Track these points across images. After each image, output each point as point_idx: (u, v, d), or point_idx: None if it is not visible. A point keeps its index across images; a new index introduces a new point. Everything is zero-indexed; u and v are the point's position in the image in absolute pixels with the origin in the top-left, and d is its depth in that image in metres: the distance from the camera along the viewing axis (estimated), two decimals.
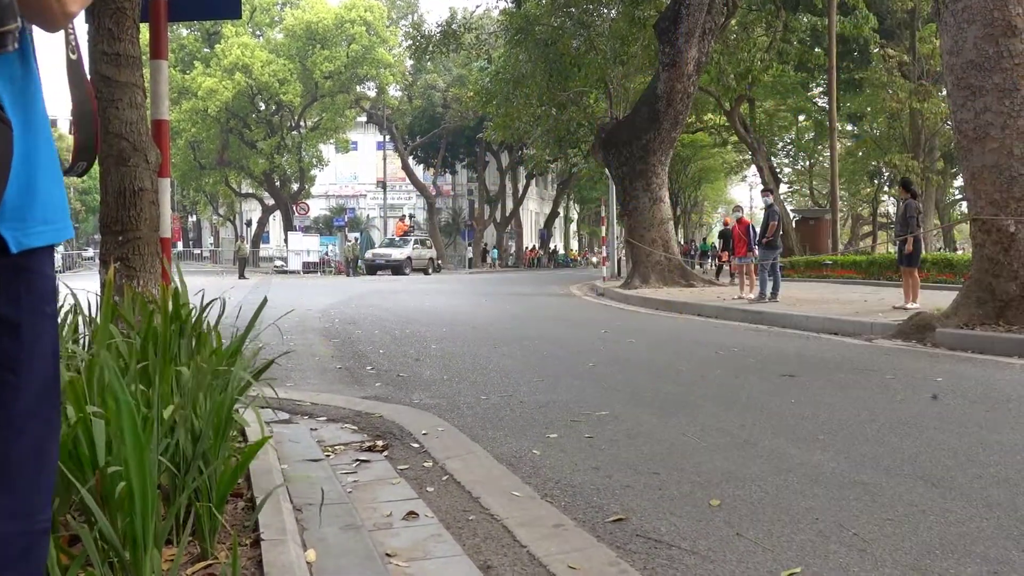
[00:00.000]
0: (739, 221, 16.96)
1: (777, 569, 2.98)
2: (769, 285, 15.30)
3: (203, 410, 3.08)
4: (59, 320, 2.66)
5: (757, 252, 15.99)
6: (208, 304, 4.49)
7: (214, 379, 3.31)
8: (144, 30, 5.39)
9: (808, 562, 3.04)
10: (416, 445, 4.93)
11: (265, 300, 4.31)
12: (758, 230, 16.09)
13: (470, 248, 52.81)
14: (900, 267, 13.47)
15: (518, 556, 3.14)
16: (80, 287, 4.23)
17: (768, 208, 15.96)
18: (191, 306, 4.25)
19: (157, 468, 2.50)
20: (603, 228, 30.57)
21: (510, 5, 27.77)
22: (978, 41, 9.58)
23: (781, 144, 49.48)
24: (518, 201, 55.98)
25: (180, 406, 2.98)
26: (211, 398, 3.14)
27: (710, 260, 37.23)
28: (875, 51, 33.43)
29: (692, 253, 37.18)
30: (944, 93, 27.08)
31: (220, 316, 4.55)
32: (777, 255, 15.58)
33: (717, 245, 31.03)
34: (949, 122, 26.97)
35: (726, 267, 25.34)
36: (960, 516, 3.52)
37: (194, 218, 76.39)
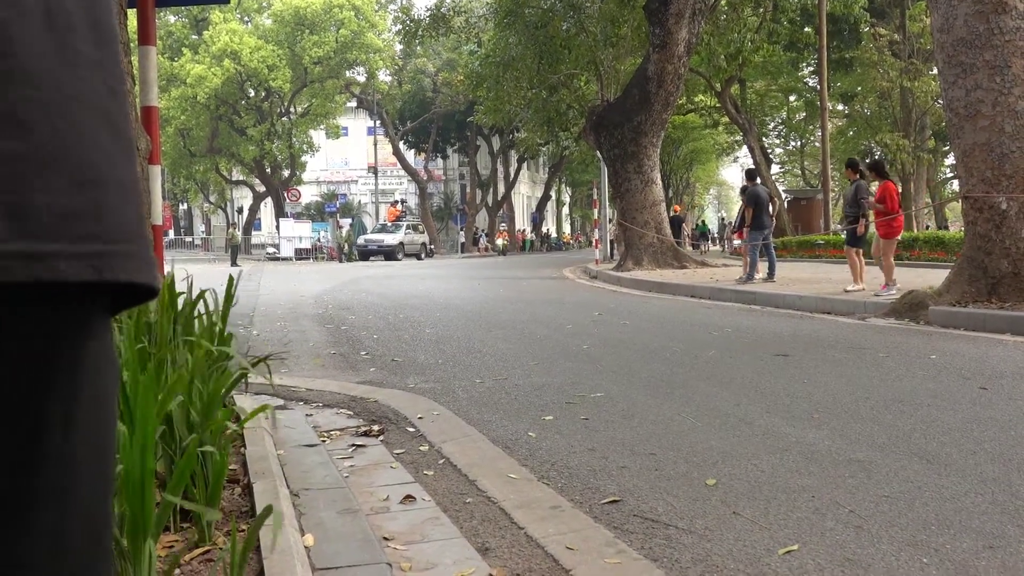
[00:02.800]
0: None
1: (774, 547, 2.99)
2: (764, 266, 15.30)
3: (198, 396, 3.08)
4: None
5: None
6: (201, 294, 4.48)
7: (209, 365, 3.31)
8: (131, 16, 5.35)
9: (805, 539, 3.05)
10: (412, 429, 4.93)
11: (231, 281, 4.28)
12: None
13: (462, 233, 52.73)
14: (848, 248, 13.28)
15: (516, 538, 3.15)
16: None
17: (748, 192, 15.95)
18: (181, 292, 4.25)
19: (155, 454, 2.49)
20: (595, 211, 30.50)
21: None
22: (968, 18, 9.56)
23: (772, 124, 49.47)
24: (510, 185, 55.89)
25: (175, 392, 2.97)
26: (205, 384, 3.13)
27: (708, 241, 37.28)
28: (865, 30, 33.35)
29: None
30: (935, 71, 27.06)
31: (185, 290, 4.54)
32: (767, 235, 15.56)
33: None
34: (940, 100, 26.96)
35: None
36: (955, 492, 3.53)
37: (185, 206, 76.14)
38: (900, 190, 37.98)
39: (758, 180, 16.62)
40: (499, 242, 52.22)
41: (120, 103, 0.55)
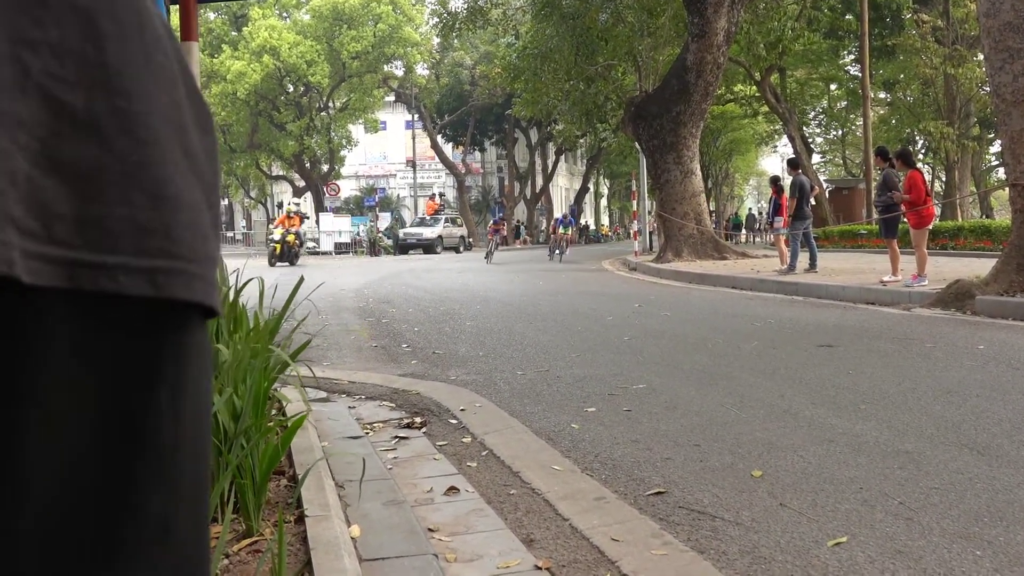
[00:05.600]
0: None
1: (823, 539, 2.95)
2: (805, 256, 15.14)
3: (243, 389, 3.10)
4: None
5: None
6: (244, 285, 4.51)
7: (253, 358, 3.33)
8: (174, 12, 5.39)
9: (854, 531, 3.01)
10: (454, 421, 4.94)
11: (302, 279, 4.32)
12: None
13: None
14: (883, 239, 13.02)
15: (560, 529, 3.14)
16: None
17: (793, 182, 15.80)
18: (228, 286, 4.28)
19: None
20: (634, 202, 30.37)
21: None
22: (1016, 2, 9.38)
23: (813, 113, 48.93)
24: (548, 177, 55.78)
25: (221, 384, 3.00)
26: (251, 377, 3.15)
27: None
28: (908, 17, 32.89)
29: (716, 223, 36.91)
30: (979, 58, 26.59)
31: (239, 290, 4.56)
32: (808, 225, 15.40)
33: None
34: (985, 87, 26.47)
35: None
36: (1007, 483, 3.47)
37: (226, 202, 76.91)
38: (945, 178, 37.47)
39: (800, 169, 16.45)
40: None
41: (192, 120, 0.56)
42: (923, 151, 41.01)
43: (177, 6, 5.43)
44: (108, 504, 0.50)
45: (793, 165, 16.63)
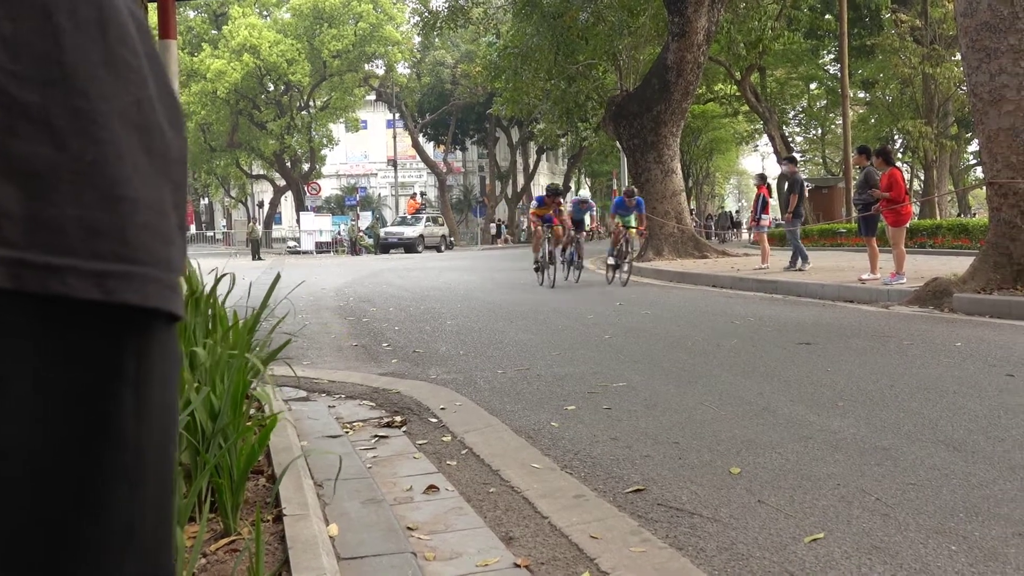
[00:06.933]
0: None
1: (800, 535, 2.97)
2: (789, 253, 15.19)
3: (221, 388, 3.08)
4: None
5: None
6: (218, 279, 4.49)
7: (231, 357, 3.31)
8: (152, 11, 5.36)
9: (831, 527, 3.03)
10: (434, 420, 4.93)
11: (278, 276, 4.31)
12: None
13: (487, 224, 52.69)
14: (863, 237, 13.01)
15: (540, 527, 3.15)
16: None
17: (791, 179, 15.84)
18: (203, 284, 4.26)
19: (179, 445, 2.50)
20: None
21: None
22: (992, 2, 9.44)
23: (793, 113, 49.16)
24: (529, 176, 55.77)
25: (198, 383, 2.98)
26: (228, 376, 3.14)
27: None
28: (887, 16, 33.07)
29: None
30: (957, 57, 26.76)
31: (226, 292, 4.55)
32: (800, 223, 15.49)
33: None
34: (963, 87, 26.64)
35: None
36: (983, 479, 3.50)
37: (206, 201, 76.55)
38: (923, 177, 37.72)
39: (796, 167, 16.53)
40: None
41: (159, 120, 0.54)
42: (902, 150, 41.23)
43: (155, 3, 5.40)
44: (70, 505, 0.49)
45: (792, 161, 16.69)
